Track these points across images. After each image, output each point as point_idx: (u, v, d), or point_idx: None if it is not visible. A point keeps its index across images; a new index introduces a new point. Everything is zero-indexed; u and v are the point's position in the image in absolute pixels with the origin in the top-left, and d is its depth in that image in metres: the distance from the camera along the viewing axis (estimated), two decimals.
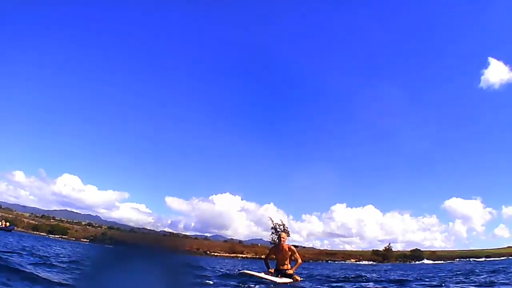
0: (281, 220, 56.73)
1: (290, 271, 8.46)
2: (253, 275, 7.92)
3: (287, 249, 8.51)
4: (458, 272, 13.99)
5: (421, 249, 71.42)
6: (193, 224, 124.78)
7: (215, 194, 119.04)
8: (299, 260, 8.62)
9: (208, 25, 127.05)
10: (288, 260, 8.52)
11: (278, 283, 7.78)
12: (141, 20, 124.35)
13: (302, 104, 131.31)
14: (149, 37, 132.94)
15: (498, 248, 68.99)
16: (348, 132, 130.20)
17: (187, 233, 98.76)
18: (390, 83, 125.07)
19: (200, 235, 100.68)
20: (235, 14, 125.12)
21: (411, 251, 70.60)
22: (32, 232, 66.55)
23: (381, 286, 8.09)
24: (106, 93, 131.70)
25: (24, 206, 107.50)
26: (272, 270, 8.44)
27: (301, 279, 8.82)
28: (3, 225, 50.19)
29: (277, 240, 8.85)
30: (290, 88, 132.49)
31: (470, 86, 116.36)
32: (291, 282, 8.19)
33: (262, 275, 7.92)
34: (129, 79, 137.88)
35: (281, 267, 8.49)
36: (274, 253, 8.68)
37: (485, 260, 54.65)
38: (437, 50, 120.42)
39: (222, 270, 12.10)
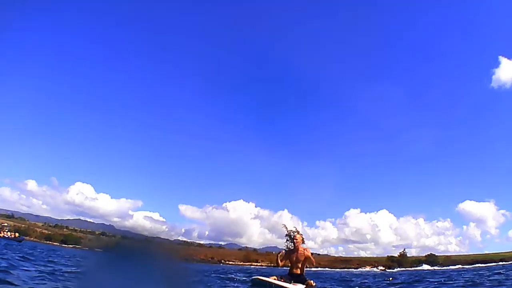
0: (295, 227, 54.91)
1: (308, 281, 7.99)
2: (266, 281, 7.74)
3: (302, 251, 8.06)
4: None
5: (436, 254, 71.40)
6: (207, 232, 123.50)
7: (229, 202, 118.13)
8: (313, 263, 8.28)
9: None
10: (302, 264, 8.09)
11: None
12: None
13: (312, 111, 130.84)
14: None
15: None
16: (359, 138, 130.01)
17: (202, 242, 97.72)
18: (398, 84, 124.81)
19: (214, 244, 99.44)
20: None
21: (426, 256, 70.15)
22: (45, 241, 65.65)
23: None
24: (118, 103, 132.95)
25: (37, 215, 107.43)
26: (282, 263, 8.12)
27: (315, 284, 8.15)
28: (13, 236, 49.60)
29: (292, 243, 8.32)
30: (300, 96, 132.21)
31: (481, 86, 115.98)
32: (305, 287, 7.79)
33: (275, 281, 7.65)
34: (137, 88, 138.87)
35: (294, 271, 8.07)
36: (288, 256, 8.21)
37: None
38: (447, 50, 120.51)
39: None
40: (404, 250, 73.49)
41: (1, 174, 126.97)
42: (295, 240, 8.18)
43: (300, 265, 8.07)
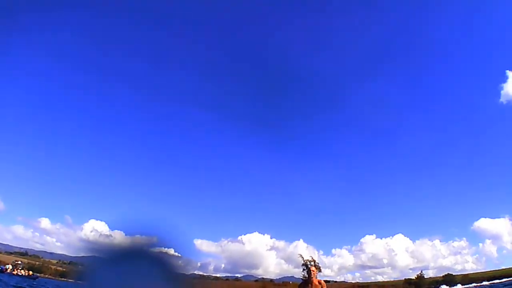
0: (311, 256, 54.67)
1: None
2: None
3: (317, 283, 7.99)
4: None
5: (453, 274, 69.81)
6: (223, 265, 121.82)
7: (244, 234, 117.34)
8: None
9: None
10: None
11: None
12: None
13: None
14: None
15: None
16: (368, 159, 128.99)
17: (218, 275, 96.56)
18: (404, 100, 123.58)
19: (231, 276, 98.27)
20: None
21: (443, 276, 68.07)
22: (60, 278, 65.48)
23: None
24: (127, 138, 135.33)
25: (51, 253, 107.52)
26: None
27: None
28: (27, 274, 49.68)
29: (307, 275, 8.48)
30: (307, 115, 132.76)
31: (491, 101, 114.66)
32: None
33: None
34: (146, 123, 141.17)
35: None
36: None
37: None
38: (455, 66, 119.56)
39: None
40: (421, 272, 71.72)
41: (15, 212, 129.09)
42: (311, 272, 8.28)
43: None
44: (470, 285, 48.13)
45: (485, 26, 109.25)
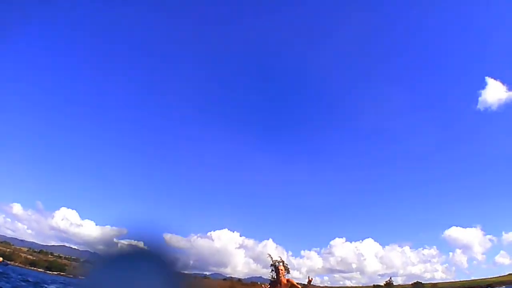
0: (279, 256, 54.70)
1: None
2: None
3: (285, 282, 7.67)
4: None
5: (422, 282, 69.65)
6: (191, 262, 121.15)
7: (214, 231, 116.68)
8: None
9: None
10: None
11: None
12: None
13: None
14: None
15: (500, 276, 67.77)
16: (345, 165, 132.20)
17: (186, 272, 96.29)
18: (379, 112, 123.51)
19: (199, 273, 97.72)
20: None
21: (412, 284, 68.34)
22: (30, 267, 64.04)
23: None
24: (106, 127, 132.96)
25: (22, 240, 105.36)
26: None
27: None
28: None
29: (275, 275, 8.24)
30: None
31: (467, 108, 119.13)
32: None
33: None
34: (125, 112, 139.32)
35: None
36: None
37: None
38: (434, 72, 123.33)
39: None
40: (390, 278, 71.54)
41: None
42: (279, 270, 8.02)
43: None
44: None
45: (466, 32, 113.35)
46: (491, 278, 67.90)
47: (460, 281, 72.82)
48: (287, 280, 7.75)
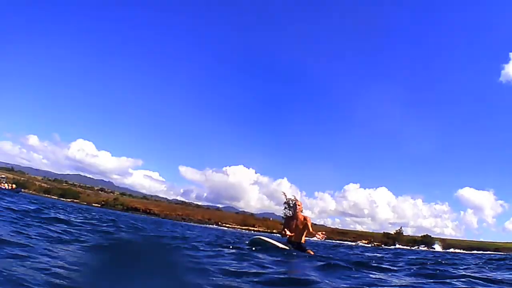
0: (294, 195, 54.95)
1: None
2: (267, 241, 7.35)
3: (302, 219, 7.63)
4: None
5: (432, 236, 70.86)
6: (205, 194, 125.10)
7: (229, 166, 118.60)
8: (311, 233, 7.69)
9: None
10: (300, 232, 7.61)
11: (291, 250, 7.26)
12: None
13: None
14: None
15: (508, 242, 68.30)
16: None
17: (199, 203, 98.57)
18: (402, 79, 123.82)
19: (212, 206, 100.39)
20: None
21: (421, 236, 69.94)
22: (43, 195, 65.79)
23: None
24: (123, 63, 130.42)
25: (37, 169, 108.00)
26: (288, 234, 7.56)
27: (313, 253, 7.64)
28: (10, 188, 49.45)
29: (292, 208, 7.85)
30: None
31: (490, 80, 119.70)
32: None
33: (275, 242, 7.30)
34: (142, 49, 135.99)
35: (294, 239, 7.59)
36: (288, 223, 7.76)
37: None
38: (458, 46, 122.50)
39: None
40: (401, 228, 73.70)
41: (3, 128, 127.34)
42: (297, 206, 7.77)
43: (298, 233, 7.60)
44: (448, 250, 49.12)
45: (489, 8, 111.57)
46: (499, 242, 68.35)
47: (469, 240, 73.29)
48: (304, 218, 7.65)
